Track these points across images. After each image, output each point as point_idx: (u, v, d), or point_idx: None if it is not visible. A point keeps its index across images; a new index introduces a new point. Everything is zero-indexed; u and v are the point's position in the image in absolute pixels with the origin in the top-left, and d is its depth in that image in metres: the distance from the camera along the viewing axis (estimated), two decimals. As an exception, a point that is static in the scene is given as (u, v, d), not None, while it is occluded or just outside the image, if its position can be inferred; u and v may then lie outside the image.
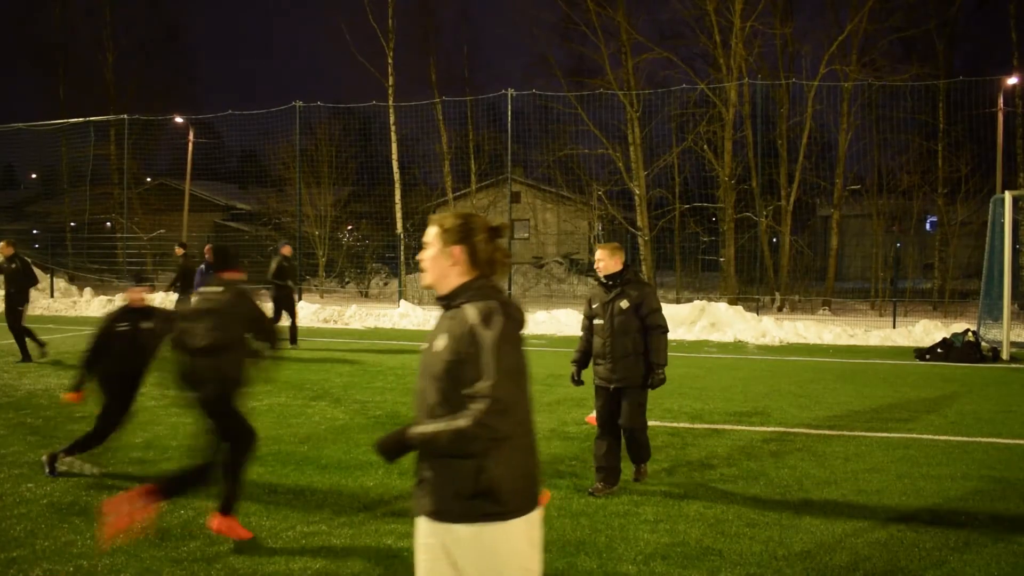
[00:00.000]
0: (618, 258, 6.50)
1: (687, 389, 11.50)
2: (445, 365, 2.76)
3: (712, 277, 28.49)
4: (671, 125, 28.03)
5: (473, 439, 2.65)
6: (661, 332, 6.35)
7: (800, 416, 9.65)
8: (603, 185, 28.63)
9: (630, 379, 6.38)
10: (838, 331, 18.70)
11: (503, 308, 2.78)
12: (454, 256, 2.87)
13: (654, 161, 27.62)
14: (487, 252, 2.89)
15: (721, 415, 9.70)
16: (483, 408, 2.62)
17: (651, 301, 6.37)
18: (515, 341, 2.76)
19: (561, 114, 28.71)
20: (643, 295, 6.37)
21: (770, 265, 26.32)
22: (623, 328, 6.35)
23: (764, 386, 11.93)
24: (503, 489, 2.72)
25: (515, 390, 2.71)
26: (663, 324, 6.38)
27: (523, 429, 2.82)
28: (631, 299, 6.36)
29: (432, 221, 2.97)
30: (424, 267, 2.93)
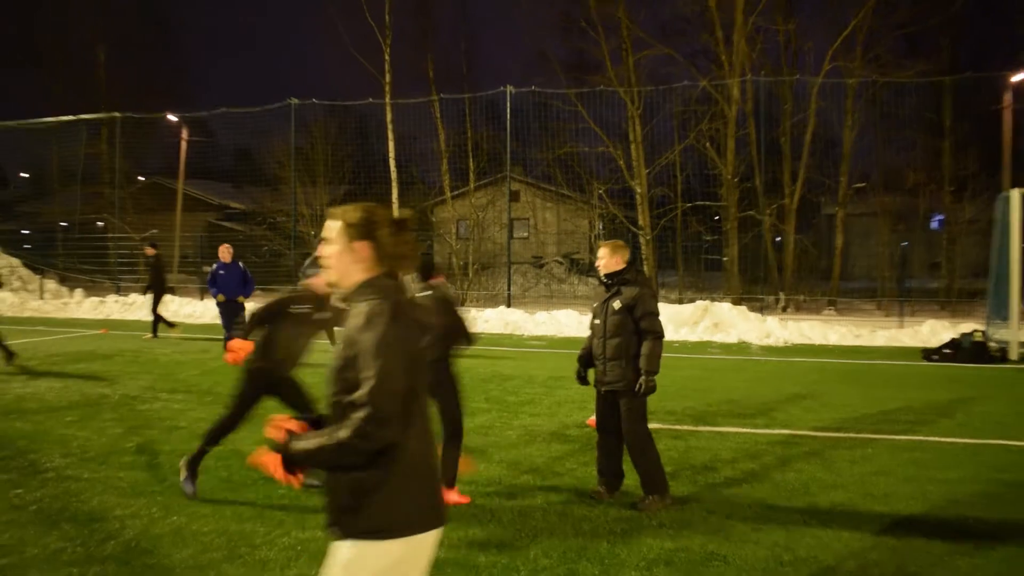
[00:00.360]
0: (619, 256, 6.38)
1: (690, 391, 11.47)
2: (334, 370, 2.67)
3: (715, 277, 28.45)
4: (673, 122, 28.00)
5: (353, 452, 2.53)
6: (654, 338, 6.15)
7: (806, 418, 9.62)
8: (604, 183, 28.59)
9: (620, 383, 6.23)
10: (844, 331, 18.68)
11: (393, 309, 2.65)
12: (357, 252, 2.78)
13: (656, 159, 27.59)
14: (392, 247, 2.79)
15: (725, 417, 9.67)
16: (362, 418, 2.50)
17: (646, 303, 6.19)
18: (402, 345, 2.61)
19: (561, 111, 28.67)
20: (639, 296, 6.20)
21: (774, 264, 26.30)
22: (615, 329, 6.24)
23: (769, 388, 11.90)
24: (387, 506, 2.61)
25: (398, 399, 2.56)
26: (657, 329, 6.17)
27: (418, 442, 2.69)
28: (624, 300, 6.23)
29: (333, 215, 2.86)
30: (327, 264, 2.83)
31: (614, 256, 6.39)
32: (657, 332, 6.18)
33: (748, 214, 25.88)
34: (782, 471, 7.26)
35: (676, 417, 9.60)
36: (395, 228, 2.82)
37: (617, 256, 6.39)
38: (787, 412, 10.02)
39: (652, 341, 6.15)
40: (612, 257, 6.39)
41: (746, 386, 12.05)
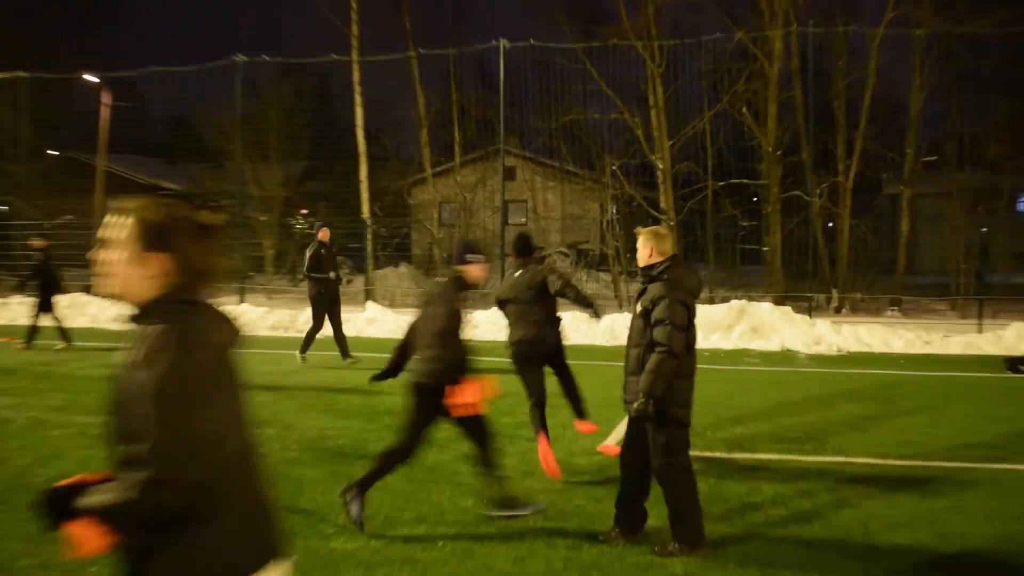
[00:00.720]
0: (651, 247, 6.38)
1: (723, 410, 11.47)
2: (114, 407, 2.62)
3: (754, 271, 28.45)
4: (702, 84, 28.03)
5: (138, 515, 2.50)
6: (662, 351, 6.06)
7: (864, 443, 9.63)
8: (618, 158, 28.58)
9: (633, 402, 6.21)
10: (910, 337, 18.70)
11: (182, 338, 2.56)
12: (150, 263, 2.68)
13: (681, 128, 27.60)
14: (194, 258, 2.71)
15: (766, 442, 9.67)
16: (143, 479, 2.45)
17: (665, 308, 6.11)
18: (199, 379, 2.55)
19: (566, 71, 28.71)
20: (659, 299, 6.16)
21: (825, 256, 26.32)
22: (636, 337, 6.32)
23: (819, 406, 11.92)
24: (203, 562, 2.59)
25: (189, 453, 2.49)
26: (664, 342, 6.06)
27: (234, 498, 2.65)
28: (645, 301, 6.28)
29: (121, 210, 2.73)
30: (107, 271, 2.70)
31: (646, 246, 6.42)
32: (664, 345, 6.06)
33: (793, 194, 25.88)
34: (836, 507, 7.25)
35: (706, 442, 9.60)
36: (199, 235, 2.72)
37: (649, 246, 6.40)
38: (841, 435, 10.02)
39: (659, 355, 6.05)
40: (644, 247, 6.44)
41: (791, 404, 12.06)
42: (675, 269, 6.30)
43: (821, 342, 18.55)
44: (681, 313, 6.13)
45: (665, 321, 6.09)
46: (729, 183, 27.62)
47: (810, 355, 17.71)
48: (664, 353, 6.04)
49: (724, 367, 15.90)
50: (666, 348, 6.05)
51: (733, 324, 19.66)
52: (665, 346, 6.05)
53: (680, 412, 6.20)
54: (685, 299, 6.18)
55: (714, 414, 11.16)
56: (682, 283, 6.24)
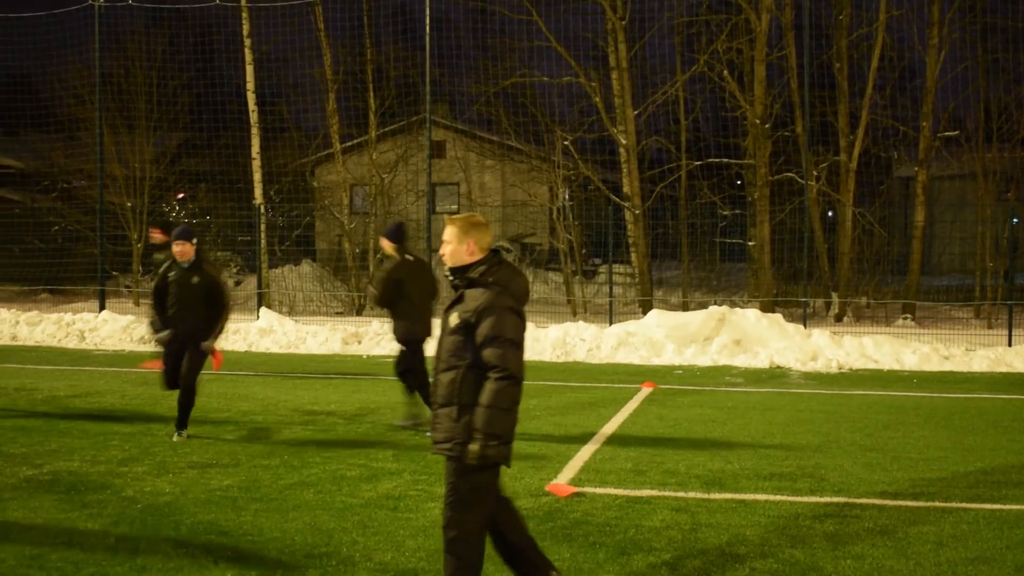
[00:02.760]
0: (472, 240, 5.94)
1: (700, 439, 11.53)
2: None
3: (737, 270, 28.66)
4: (674, 40, 28.19)
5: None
6: (500, 377, 5.68)
7: (870, 480, 9.73)
8: (571, 131, 28.68)
9: (447, 443, 5.81)
10: (926, 351, 18.94)
11: None
12: None
13: (648, 95, 27.75)
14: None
15: (751, 479, 9.73)
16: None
17: (497, 320, 5.72)
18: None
19: (507, 22, 28.76)
20: (487, 308, 5.75)
21: (823, 252, 26.59)
22: (448, 355, 5.86)
23: (815, 435, 12.01)
24: None
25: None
26: (501, 364, 5.68)
27: None
28: (464, 310, 5.83)
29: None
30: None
31: (463, 240, 5.96)
32: (502, 369, 5.69)
33: (785, 177, 26.11)
34: (835, 557, 7.32)
35: (679, 479, 9.63)
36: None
37: (468, 241, 5.95)
38: (842, 470, 10.11)
39: (496, 383, 5.68)
40: (459, 242, 5.96)
41: (782, 432, 12.14)
42: (501, 270, 5.92)
43: (818, 357, 18.72)
44: (515, 325, 5.79)
45: (498, 338, 5.70)
46: (707, 163, 27.83)
47: (805, 373, 17.86)
48: (502, 379, 5.67)
49: (700, 388, 15.97)
50: (504, 372, 5.68)
51: (711, 335, 19.78)
52: (502, 370, 5.68)
53: (502, 450, 5.80)
54: (517, 307, 5.84)
55: (687, 446, 11.19)
56: (509, 288, 5.88)
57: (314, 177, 33.55)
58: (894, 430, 12.32)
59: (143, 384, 15.82)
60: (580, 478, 9.59)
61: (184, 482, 9.41)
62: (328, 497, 8.79)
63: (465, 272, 5.91)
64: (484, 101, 31.16)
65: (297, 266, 31.19)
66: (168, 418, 12.81)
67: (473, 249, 5.92)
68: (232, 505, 8.54)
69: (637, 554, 7.25)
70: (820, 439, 11.73)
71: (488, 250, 5.98)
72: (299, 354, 20.77)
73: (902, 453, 10.95)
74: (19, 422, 12.34)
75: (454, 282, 5.97)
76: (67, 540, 7.43)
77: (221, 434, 11.87)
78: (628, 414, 13.33)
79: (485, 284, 5.83)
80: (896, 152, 28.61)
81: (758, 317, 20.28)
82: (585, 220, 29.45)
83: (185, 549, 7.34)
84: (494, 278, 5.84)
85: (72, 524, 7.92)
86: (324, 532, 7.75)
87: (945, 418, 13.24)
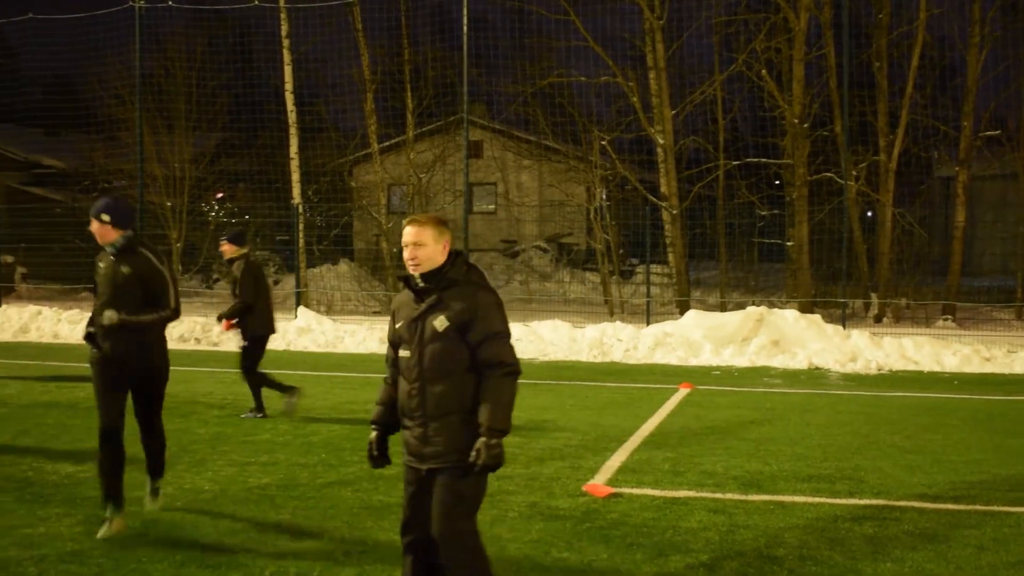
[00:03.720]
0: (446, 240, 5.72)
1: (737, 441, 11.50)
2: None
3: (775, 270, 28.57)
4: (712, 39, 28.12)
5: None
6: (504, 373, 5.58)
7: (909, 482, 9.68)
8: (609, 131, 28.65)
9: (452, 454, 5.57)
10: (967, 352, 18.81)
11: None
12: None
13: (686, 95, 27.69)
14: None
15: (789, 480, 9.70)
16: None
17: (489, 318, 5.62)
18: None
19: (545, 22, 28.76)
20: (475, 307, 5.60)
21: (862, 252, 26.46)
22: (438, 363, 5.59)
23: (854, 436, 11.95)
24: None
25: None
26: (508, 360, 5.61)
27: None
28: (452, 313, 5.59)
29: None
30: None
31: (441, 239, 5.70)
32: (507, 364, 5.61)
33: (824, 177, 26.00)
34: (873, 559, 7.28)
35: (716, 481, 9.62)
36: None
37: (445, 240, 5.71)
38: (882, 473, 10.07)
39: (501, 379, 5.58)
40: (438, 241, 5.69)
41: (820, 434, 12.09)
42: (473, 269, 5.81)
43: (857, 358, 18.64)
44: (506, 320, 5.75)
45: (500, 334, 5.63)
46: (745, 163, 27.73)
47: (844, 374, 17.78)
48: (510, 374, 5.59)
49: (738, 389, 15.93)
50: (510, 367, 5.60)
51: (749, 336, 19.72)
52: (507, 364, 5.59)
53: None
54: (501, 302, 5.76)
55: (724, 447, 11.17)
56: (487, 283, 5.82)
57: (352, 177, 33.67)
58: (934, 432, 12.25)
59: (182, 382, 15.91)
60: (617, 479, 9.58)
61: (223, 480, 9.48)
62: (365, 496, 8.82)
63: (441, 274, 5.65)
64: (521, 101, 31.20)
65: (335, 265, 31.30)
66: (209, 416, 12.90)
67: (447, 249, 5.71)
68: (270, 503, 8.59)
69: (674, 555, 7.23)
70: (859, 441, 11.68)
71: (453, 252, 5.77)
72: (337, 353, 20.84)
73: (942, 455, 10.89)
74: (61, 419, 12.44)
75: (423, 287, 5.66)
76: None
77: (258, 433, 11.92)
78: (665, 415, 13.31)
79: (467, 281, 5.67)
80: (936, 152, 28.43)
81: (796, 318, 20.21)
82: (622, 220, 29.39)
83: (224, 546, 7.39)
84: (474, 277, 5.73)
85: (113, 521, 7.96)
86: (362, 530, 7.78)
87: (986, 420, 13.16)
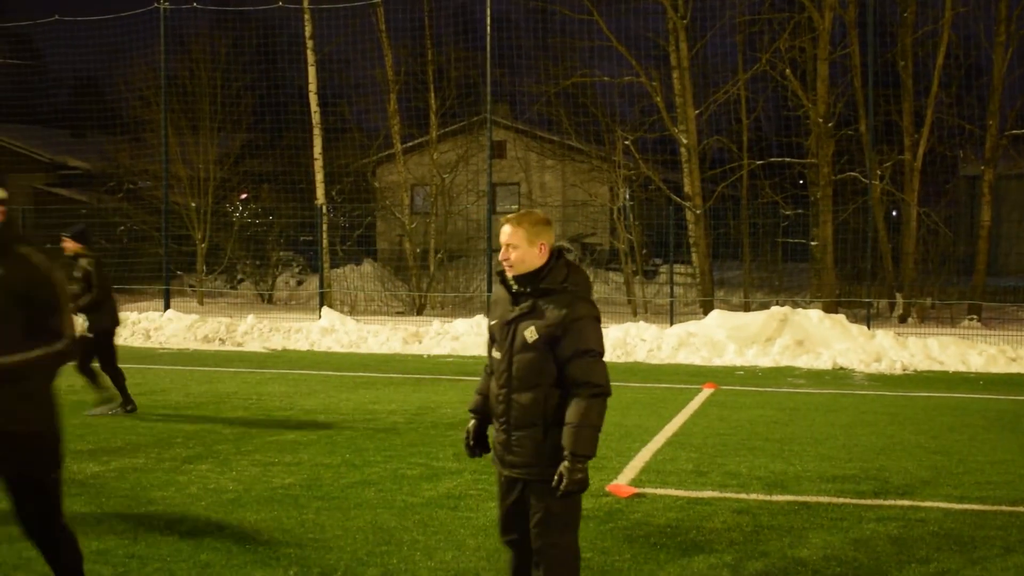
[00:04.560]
0: (543, 242, 5.35)
1: (761, 441, 11.48)
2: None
3: (799, 270, 28.49)
4: (736, 38, 28.06)
5: None
6: (591, 395, 5.25)
7: (935, 483, 9.64)
8: (632, 131, 28.62)
9: (533, 467, 5.41)
10: (992, 352, 18.73)
11: None
12: None
13: (710, 94, 27.64)
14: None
15: (813, 481, 9.68)
16: None
17: (583, 333, 5.27)
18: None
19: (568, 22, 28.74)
20: (568, 320, 5.24)
21: (887, 252, 26.37)
22: (526, 374, 5.33)
23: (879, 437, 11.92)
24: None
25: None
26: (597, 381, 5.27)
27: None
28: (544, 325, 5.26)
29: None
30: None
31: (536, 241, 5.34)
32: (597, 386, 5.28)
33: (849, 176, 25.93)
34: (899, 561, 7.26)
35: (740, 481, 9.61)
36: None
37: (541, 241, 5.35)
38: (907, 474, 10.03)
39: (588, 400, 5.25)
40: (532, 243, 5.33)
41: (845, 434, 12.07)
42: (575, 275, 5.42)
43: (882, 359, 18.58)
44: (600, 335, 5.40)
45: (591, 352, 5.27)
46: (769, 162, 27.67)
47: (869, 374, 17.73)
48: (597, 396, 5.27)
49: (762, 389, 15.90)
50: (598, 388, 5.27)
51: (773, 336, 19.69)
52: (595, 385, 5.26)
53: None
54: (598, 315, 5.41)
55: (748, 447, 11.15)
56: (588, 292, 5.46)
57: (375, 177, 33.72)
58: (959, 433, 12.20)
59: (207, 382, 16.00)
60: (641, 479, 9.58)
61: (247, 480, 9.50)
62: (389, 496, 8.84)
63: (537, 279, 5.31)
64: (544, 101, 31.17)
65: (358, 266, 31.35)
66: (234, 416, 12.95)
67: (545, 251, 5.33)
68: (294, 503, 8.61)
69: (698, 556, 7.23)
70: (884, 441, 11.64)
71: (553, 252, 5.38)
72: (360, 353, 20.89)
73: (968, 456, 10.84)
74: (87, 419, 12.51)
75: (517, 290, 5.37)
76: (132, 536, 7.53)
77: (283, 432, 11.96)
78: (689, 415, 13.30)
79: (564, 290, 5.30)
80: (962, 151, 28.27)
81: (821, 318, 20.17)
82: (646, 220, 29.36)
83: (248, 546, 7.41)
84: (572, 285, 5.33)
85: (137, 520, 8.01)
86: (385, 531, 7.79)
87: (1012, 421, 13.10)
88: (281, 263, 31.82)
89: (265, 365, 18.39)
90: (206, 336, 22.11)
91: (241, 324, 22.60)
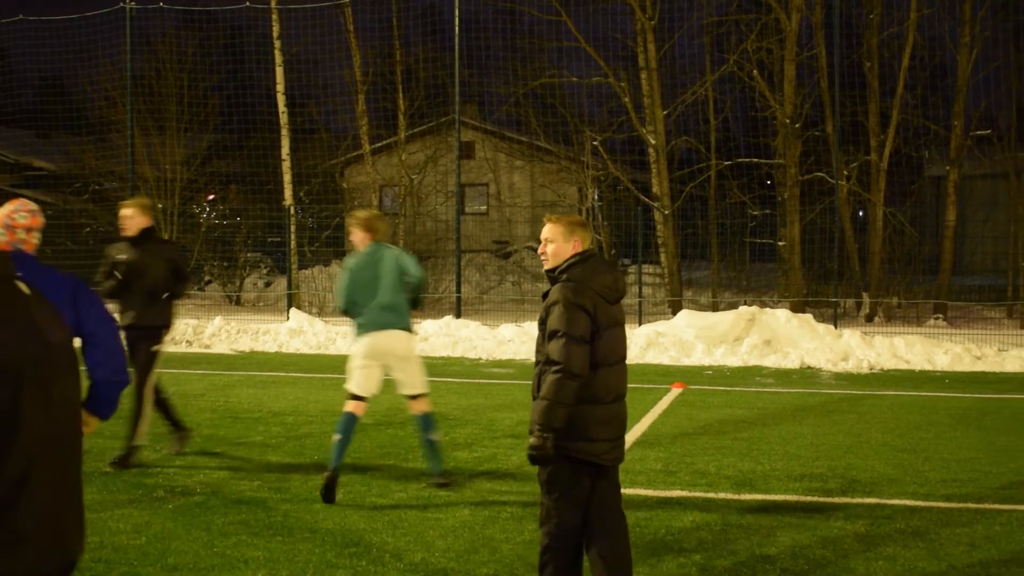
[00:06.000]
0: (577, 239, 5.98)
1: (730, 441, 11.51)
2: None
3: (766, 270, 28.58)
4: (704, 40, 28.14)
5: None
6: (552, 372, 5.69)
7: (901, 481, 9.70)
8: (600, 132, 28.66)
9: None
10: (958, 351, 18.83)
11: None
12: None
13: (678, 95, 27.70)
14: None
15: (781, 480, 9.72)
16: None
17: (555, 316, 5.78)
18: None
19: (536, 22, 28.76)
20: (549, 303, 5.86)
21: (854, 252, 26.47)
22: (536, 353, 6.04)
23: (846, 435, 11.97)
24: None
25: None
26: (555, 357, 5.68)
27: None
28: (543, 308, 5.95)
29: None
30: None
31: (571, 238, 5.99)
32: (556, 363, 5.70)
33: (816, 176, 26.03)
34: (867, 559, 7.29)
35: (708, 480, 9.63)
36: None
37: (575, 239, 5.99)
38: (873, 471, 10.08)
39: (554, 376, 5.68)
40: (567, 240, 5.98)
41: (812, 433, 12.10)
42: (578, 267, 5.92)
43: (849, 358, 18.64)
44: (581, 322, 5.74)
45: (559, 332, 5.72)
46: (737, 163, 27.75)
47: (836, 373, 17.79)
48: (560, 374, 5.66)
49: (730, 388, 15.94)
50: (561, 367, 5.66)
51: (741, 336, 19.73)
52: (556, 364, 5.68)
53: (584, 446, 5.92)
54: (585, 303, 5.76)
55: (716, 447, 11.18)
56: (587, 283, 5.85)
57: (344, 178, 33.63)
58: (926, 431, 12.26)
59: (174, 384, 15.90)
60: (609, 479, 9.58)
61: (214, 483, 9.46)
62: (358, 498, 8.81)
63: (555, 271, 5.98)
64: (513, 102, 31.20)
65: (327, 267, 31.25)
66: (201, 419, 12.88)
67: (576, 248, 5.99)
68: (262, 506, 8.58)
69: (667, 555, 7.25)
70: (851, 440, 11.70)
71: (581, 251, 6.01)
72: (329, 355, 20.80)
73: (934, 454, 10.91)
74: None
75: (551, 279, 6.06)
76: (99, 540, 7.46)
77: (251, 435, 11.92)
78: (658, 415, 13.31)
79: (559, 280, 5.90)
80: (927, 151, 28.47)
81: (788, 317, 20.23)
82: (614, 220, 29.43)
83: (215, 549, 7.38)
84: (568, 274, 5.89)
85: (103, 524, 7.95)
86: (354, 532, 7.78)
87: (977, 419, 13.18)
88: (249, 264, 31.68)
89: (233, 367, 18.30)
90: (173, 338, 21.92)
91: (209, 326, 22.49)
